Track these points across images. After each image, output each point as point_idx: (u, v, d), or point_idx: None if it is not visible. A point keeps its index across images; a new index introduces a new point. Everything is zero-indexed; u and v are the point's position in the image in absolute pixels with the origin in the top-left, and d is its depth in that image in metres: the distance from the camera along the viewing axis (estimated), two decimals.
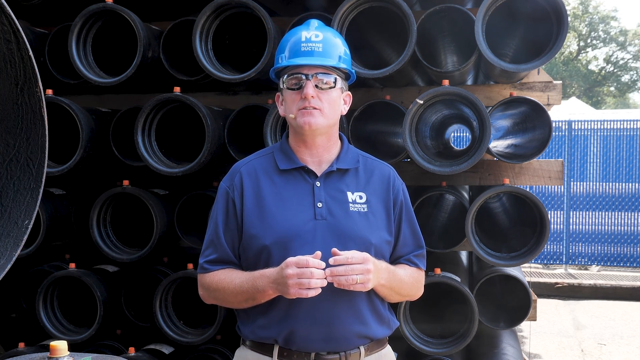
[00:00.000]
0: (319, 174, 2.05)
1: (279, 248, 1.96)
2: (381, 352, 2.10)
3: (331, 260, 1.84)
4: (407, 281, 2.10)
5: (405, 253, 2.14)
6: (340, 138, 2.15)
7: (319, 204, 2.00)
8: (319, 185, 2.03)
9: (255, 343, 2.05)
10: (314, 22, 2.10)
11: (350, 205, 2.02)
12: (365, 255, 1.87)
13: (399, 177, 2.17)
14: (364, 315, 2.01)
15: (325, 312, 1.94)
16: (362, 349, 2.02)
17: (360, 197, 2.05)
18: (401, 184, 2.17)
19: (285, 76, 2.03)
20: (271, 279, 1.89)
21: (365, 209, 2.03)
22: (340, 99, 2.06)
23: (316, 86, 1.98)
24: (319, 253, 1.85)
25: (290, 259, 1.84)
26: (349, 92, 2.14)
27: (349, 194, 2.04)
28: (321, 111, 1.98)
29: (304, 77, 1.98)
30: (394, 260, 2.13)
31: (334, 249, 1.87)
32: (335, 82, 2.01)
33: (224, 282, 2.01)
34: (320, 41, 2.02)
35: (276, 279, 1.87)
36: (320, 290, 1.83)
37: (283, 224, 1.97)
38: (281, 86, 2.05)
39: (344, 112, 2.11)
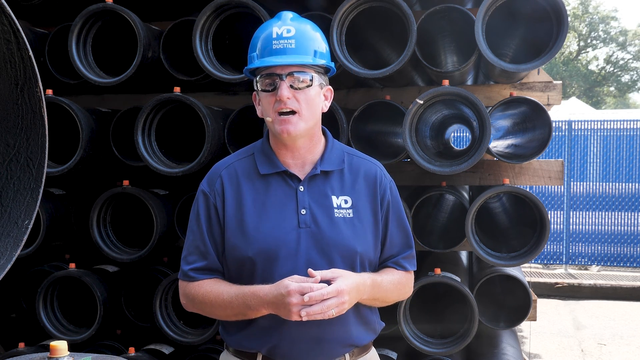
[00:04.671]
0: (302, 178, 1.96)
1: (262, 259, 1.89)
2: (366, 357, 2.05)
3: (306, 297, 1.75)
4: (393, 289, 2.03)
5: (394, 254, 2.06)
6: (325, 134, 2.05)
7: (303, 211, 1.91)
8: (302, 189, 1.94)
9: (238, 351, 2.00)
10: (287, 15, 1.97)
11: (336, 211, 1.94)
12: (341, 287, 1.78)
13: (386, 175, 2.08)
14: (349, 323, 1.95)
15: (311, 323, 1.86)
16: (346, 356, 1.97)
17: (346, 202, 1.96)
18: (389, 181, 2.07)
19: (259, 77, 1.91)
20: (266, 301, 1.81)
21: (351, 214, 1.95)
22: (320, 95, 1.96)
23: (291, 86, 1.87)
24: (313, 273, 1.79)
25: (292, 287, 1.75)
26: (330, 87, 2.02)
27: (334, 198, 1.95)
28: (299, 114, 1.88)
29: (277, 78, 1.87)
30: (382, 261, 2.06)
31: (310, 270, 1.79)
32: (312, 80, 1.89)
33: (211, 295, 1.91)
34: (292, 37, 1.89)
35: (274, 303, 1.79)
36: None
37: (266, 235, 1.89)
38: (255, 87, 1.95)
39: (325, 109, 2.01)
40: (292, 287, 1.75)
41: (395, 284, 2.04)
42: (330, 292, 1.76)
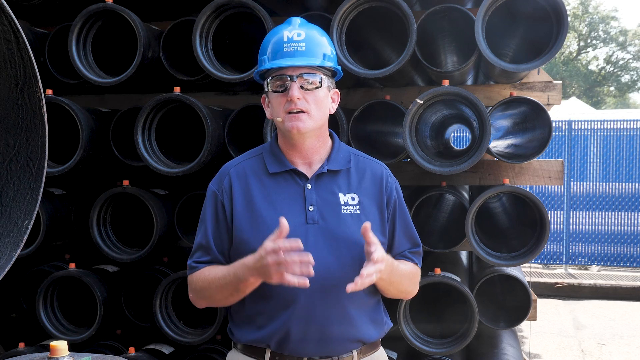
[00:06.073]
0: (309, 176, 2.01)
1: None
2: (374, 355, 2.08)
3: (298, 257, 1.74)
4: (406, 276, 2.07)
5: (402, 251, 2.11)
6: (331, 136, 2.10)
7: (310, 207, 1.96)
8: (309, 187, 1.99)
9: (246, 347, 2.02)
10: (296, 20, 2.05)
11: (343, 207, 1.98)
12: (384, 255, 1.84)
13: (392, 176, 2.13)
14: (357, 318, 1.98)
15: (319, 315, 1.91)
16: (354, 352, 2.00)
17: (353, 199, 2.01)
18: (394, 182, 2.12)
19: (270, 78, 1.97)
20: (250, 266, 1.83)
21: (358, 211, 1.99)
22: (328, 97, 2.02)
23: (301, 87, 1.93)
24: (283, 220, 1.76)
25: (268, 246, 1.75)
26: (337, 90, 2.09)
27: (341, 195, 2.00)
28: (308, 113, 1.93)
29: (288, 79, 1.93)
30: None
31: (365, 226, 1.81)
32: (321, 82, 1.96)
33: (208, 278, 1.96)
34: (302, 40, 1.97)
35: (256, 267, 1.81)
36: (307, 282, 1.74)
37: (274, 229, 1.89)
38: (266, 89, 2.00)
39: (333, 111, 2.07)
40: (267, 246, 1.76)
41: (408, 272, 2.08)
42: (380, 257, 1.81)
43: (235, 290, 1.92)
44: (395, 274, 1.99)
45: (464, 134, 8.96)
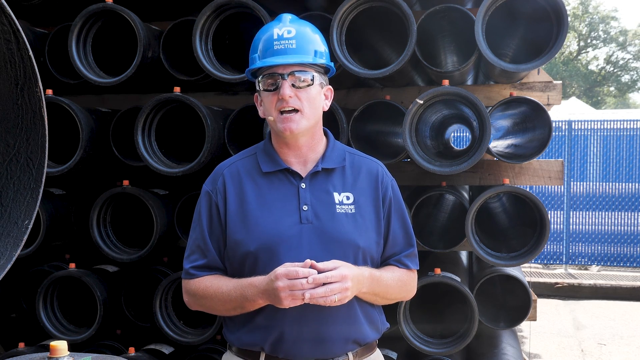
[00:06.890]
0: (303, 175, 1.98)
1: (264, 254, 1.90)
2: (370, 358, 2.06)
3: (310, 279, 1.76)
4: (394, 285, 2.02)
5: (396, 252, 2.06)
6: (326, 134, 2.08)
7: (305, 207, 1.94)
8: (304, 187, 1.97)
9: (241, 350, 2.01)
10: (287, 17, 2.01)
11: (337, 206, 1.96)
12: (344, 272, 1.79)
13: (388, 173, 2.10)
14: (353, 316, 1.96)
15: (313, 315, 1.89)
16: (350, 355, 1.98)
17: (348, 198, 1.98)
18: (390, 180, 2.09)
19: (261, 77, 1.95)
20: (261, 290, 1.83)
21: (353, 210, 1.97)
22: (321, 94, 1.99)
23: (293, 85, 1.91)
24: (308, 261, 1.79)
25: (280, 271, 1.77)
26: (330, 87, 2.06)
27: (336, 194, 1.98)
28: (301, 112, 1.91)
29: (279, 77, 1.91)
30: (384, 260, 2.07)
31: (312, 262, 1.79)
32: (312, 79, 1.93)
33: (210, 290, 1.95)
34: (293, 37, 1.93)
35: (266, 290, 1.81)
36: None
37: (267, 229, 1.91)
38: (257, 88, 1.98)
39: (326, 108, 2.04)
40: (279, 271, 1.78)
41: (397, 281, 2.04)
42: (334, 275, 1.78)
43: (240, 307, 1.92)
44: (378, 285, 1.96)
45: (464, 134, 8.96)
